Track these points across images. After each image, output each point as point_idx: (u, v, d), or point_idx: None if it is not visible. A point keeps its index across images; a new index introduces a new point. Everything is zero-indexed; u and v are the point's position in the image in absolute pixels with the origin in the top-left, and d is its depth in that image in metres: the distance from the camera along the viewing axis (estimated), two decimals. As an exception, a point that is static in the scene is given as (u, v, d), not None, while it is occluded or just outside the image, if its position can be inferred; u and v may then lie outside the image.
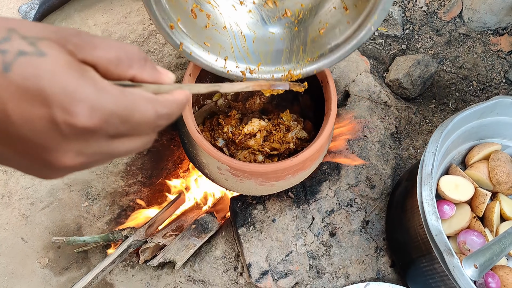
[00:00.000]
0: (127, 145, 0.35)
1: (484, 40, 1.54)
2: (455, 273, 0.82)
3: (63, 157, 0.31)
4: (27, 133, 0.29)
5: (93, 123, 0.30)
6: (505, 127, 1.11)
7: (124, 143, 0.35)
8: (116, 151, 0.34)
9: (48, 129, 0.29)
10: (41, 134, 0.29)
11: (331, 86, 0.98)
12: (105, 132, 0.32)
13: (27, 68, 0.28)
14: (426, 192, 0.90)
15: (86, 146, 0.32)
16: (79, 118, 0.29)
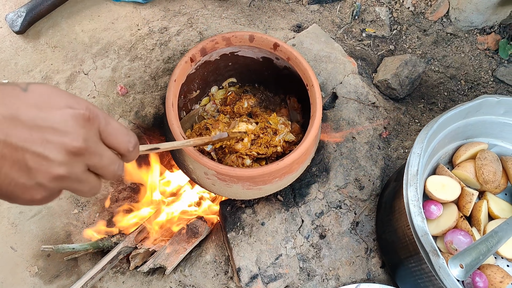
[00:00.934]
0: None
1: (471, 39, 1.54)
2: (441, 273, 0.82)
3: None
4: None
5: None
6: (491, 126, 1.11)
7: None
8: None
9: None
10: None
11: (316, 89, 0.99)
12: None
13: None
14: (411, 193, 0.90)
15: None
16: None
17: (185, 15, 1.47)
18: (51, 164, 0.40)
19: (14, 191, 0.40)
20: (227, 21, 1.47)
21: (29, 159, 0.39)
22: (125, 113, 1.30)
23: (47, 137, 0.39)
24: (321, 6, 1.59)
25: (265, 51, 1.09)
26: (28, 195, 0.40)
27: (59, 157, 0.40)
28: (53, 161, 0.40)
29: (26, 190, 0.40)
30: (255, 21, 1.50)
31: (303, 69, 1.01)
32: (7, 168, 0.38)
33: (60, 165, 0.40)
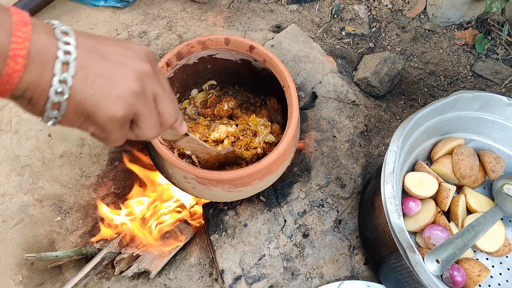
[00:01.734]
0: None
1: (449, 35, 1.56)
2: (417, 269, 0.84)
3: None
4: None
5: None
6: (467, 121, 1.13)
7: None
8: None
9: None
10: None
11: (292, 90, 0.99)
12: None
13: None
14: (388, 190, 0.92)
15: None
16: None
17: (164, 19, 1.47)
18: (129, 78, 0.46)
19: (97, 102, 0.44)
20: (207, 23, 1.47)
21: (111, 70, 0.45)
22: (105, 118, 1.30)
23: (128, 56, 0.48)
24: (300, 6, 1.60)
25: (243, 54, 1.10)
26: (110, 108, 0.45)
27: (136, 74, 0.47)
28: (131, 76, 0.46)
29: (108, 102, 0.45)
30: (234, 23, 1.50)
31: (279, 71, 1.02)
32: (92, 77, 0.44)
33: (136, 80, 0.47)
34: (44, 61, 0.41)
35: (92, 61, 0.44)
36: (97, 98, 0.44)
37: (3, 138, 1.29)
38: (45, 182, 1.25)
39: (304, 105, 1.32)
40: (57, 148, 1.28)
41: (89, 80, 0.44)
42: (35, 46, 0.40)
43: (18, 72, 0.40)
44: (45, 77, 0.42)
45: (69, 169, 1.27)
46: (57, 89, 0.42)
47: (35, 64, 0.41)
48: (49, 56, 0.42)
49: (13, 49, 0.39)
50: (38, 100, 0.43)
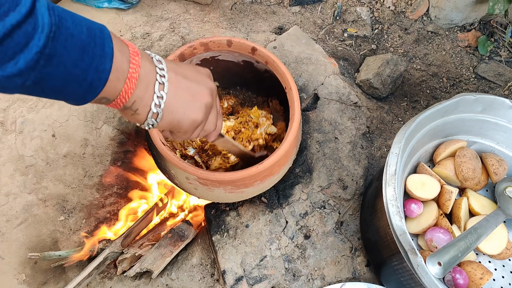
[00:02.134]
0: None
1: (452, 36, 1.56)
2: (419, 271, 0.84)
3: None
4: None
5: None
6: (470, 124, 1.13)
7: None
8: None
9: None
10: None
11: (294, 92, 1.00)
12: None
13: None
14: (390, 192, 0.91)
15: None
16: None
17: (167, 20, 1.47)
18: (205, 93, 0.63)
19: (184, 111, 0.60)
20: (209, 25, 1.48)
21: (192, 87, 0.61)
22: (108, 119, 1.30)
23: (201, 76, 0.65)
24: (303, 8, 1.60)
25: (245, 55, 1.10)
26: (193, 115, 0.61)
27: (209, 90, 0.64)
28: (206, 91, 0.63)
29: (192, 111, 0.61)
30: (237, 25, 1.50)
31: (281, 73, 1.02)
32: (180, 92, 0.59)
33: (209, 95, 0.63)
34: (148, 82, 0.55)
35: (177, 80, 0.59)
36: (184, 108, 0.60)
37: (8, 138, 1.30)
38: (49, 182, 1.26)
39: (306, 106, 1.33)
40: (61, 148, 1.29)
41: (178, 94, 0.59)
42: (143, 71, 0.54)
43: (132, 90, 0.53)
44: (148, 94, 0.56)
45: (72, 169, 1.28)
46: (156, 102, 0.56)
47: (142, 84, 0.55)
48: (151, 79, 0.56)
49: (130, 73, 0.52)
50: (142, 111, 0.57)
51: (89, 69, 0.47)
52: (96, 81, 0.49)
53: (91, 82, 0.49)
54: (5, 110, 1.34)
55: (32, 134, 1.30)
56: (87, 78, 0.48)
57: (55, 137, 1.29)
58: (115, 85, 0.52)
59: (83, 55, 0.46)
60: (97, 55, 0.48)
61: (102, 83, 0.50)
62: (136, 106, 0.56)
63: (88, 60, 0.47)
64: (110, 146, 1.30)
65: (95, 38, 0.48)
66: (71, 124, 1.30)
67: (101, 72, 0.49)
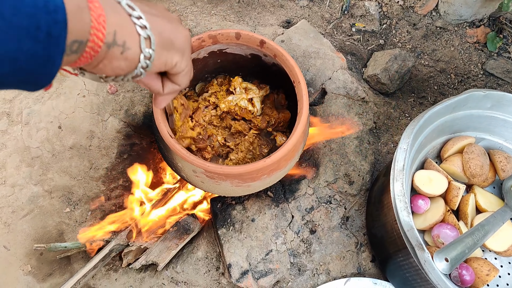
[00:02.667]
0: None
1: (461, 32, 1.55)
2: (426, 267, 0.84)
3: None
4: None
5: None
6: (478, 120, 1.12)
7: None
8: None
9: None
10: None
11: (302, 86, 0.99)
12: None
13: None
14: (398, 188, 0.91)
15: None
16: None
17: (175, 12, 1.46)
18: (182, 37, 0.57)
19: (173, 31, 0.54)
20: (217, 18, 1.47)
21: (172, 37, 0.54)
22: (115, 111, 1.30)
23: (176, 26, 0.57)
24: (311, 1, 1.59)
25: (253, 48, 1.10)
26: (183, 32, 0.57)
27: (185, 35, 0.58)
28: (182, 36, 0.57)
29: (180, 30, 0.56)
30: (244, 18, 1.50)
31: (290, 66, 1.02)
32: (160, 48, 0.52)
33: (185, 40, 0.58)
34: (112, 5, 0.45)
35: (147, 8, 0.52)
36: (169, 26, 0.54)
37: (14, 130, 1.30)
38: (54, 173, 1.26)
39: (314, 101, 1.32)
40: (67, 140, 1.29)
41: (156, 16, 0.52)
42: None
43: (102, 15, 0.42)
44: (122, 17, 0.46)
45: (78, 161, 1.28)
46: (139, 24, 0.47)
47: (109, 6, 0.44)
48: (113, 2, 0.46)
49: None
50: (131, 42, 0.47)
51: (36, 12, 0.35)
52: (53, 25, 0.36)
53: (48, 30, 0.36)
54: (11, 101, 1.34)
55: (38, 126, 1.30)
56: (40, 24, 0.35)
57: (61, 129, 1.29)
58: (81, 17, 0.39)
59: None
60: None
61: (61, 24, 0.37)
62: (120, 38, 0.45)
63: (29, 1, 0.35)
64: (116, 139, 1.30)
65: None
66: (77, 116, 1.30)
67: (53, 11, 0.36)
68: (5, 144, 1.28)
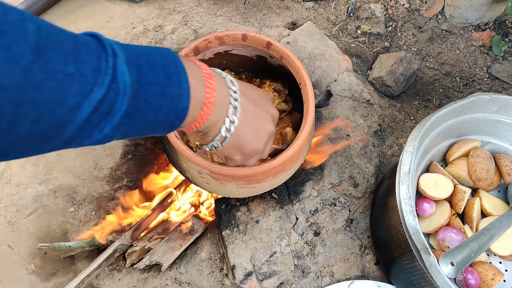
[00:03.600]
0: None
1: (467, 36, 1.54)
2: (432, 271, 0.83)
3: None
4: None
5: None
6: (484, 124, 1.12)
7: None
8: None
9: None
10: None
11: (308, 88, 0.99)
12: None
13: None
14: (403, 191, 0.91)
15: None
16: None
17: (180, 13, 1.47)
18: (270, 121, 0.64)
19: (251, 139, 0.60)
20: (222, 19, 1.47)
21: (260, 114, 0.61)
22: (120, 111, 1.30)
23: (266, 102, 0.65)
24: (316, 3, 1.59)
25: (259, 50, 1.10)
26: (258, 144, 0.61)
27: (272, 117, 0.65)
28: (270, 119, 0.64)
29: (258, 139, 0.61)
30: (250, 19, 1.50)
31: (296, 68, 1.02)
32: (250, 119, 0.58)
33: (273, 123, 0.65)
34: (222, 106, 0.53)
35: (248, 105, 0.58)
36: (250, 135, 0.59)
37: (19, 129, 1.30)
38: (59, 173, 1.26)
39: (319, 103, 1.32)
40: (71, 139, 1.29)
41: (248, 120, 0.58)
42: (219, 96, 0.52)
43: (207, 116, 0.51)
44: (221, 118, 0.54)
45: (83, 161, 1.28)
46: (227, 126, 0.55)
47: (218, 109, 0.52)
48: (226, 103, 0.54)
49: (207, 98, 0.50)
50: (211, 134, 0.55)
51: (169, 113, 0.46)
52: (176, 120, 0.48)
53: (171, 123, 0.48)
54: (17, 100, 1.34)
55: (43, 125, 1.30)
56: (167, 120, 0.47)
57: (66, 128, 1.29)
58: (192, 114, 0.50)
59: (162, 100, 0.44)
60: (175, 95, 0.46)
61: (181, 120, 0.49)
62: (207, 130, 0.54)
63: (167, 104, 0.45)
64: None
65: (171, 76, 0.46)
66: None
67: (180, 111, 0.48)
68: (10, 143, 1.29)
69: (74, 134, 0.38)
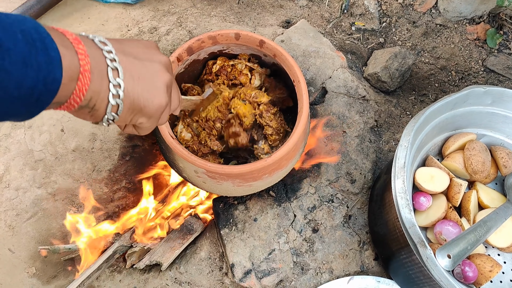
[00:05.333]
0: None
1: (461, 29, 1.55)
2: (428, 264, 0.84)
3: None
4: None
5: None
6: (479, 116, 1.12)
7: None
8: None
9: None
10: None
11: (302, 85, 0.99)
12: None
13: None
14: (399, 185, 0.91)
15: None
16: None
17: (174, 15, 1.47)
18: (162, 71, 0.55)
19: (146, 97, 0.53)
20: (216, 19, 1.48)
21: (147, 68, 0.54)
22: (117, 114, 1.31)
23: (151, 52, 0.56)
24: (310, 1, 1.60)
25: (253, 48, 1.10)
26: (157, 99, 0.54)
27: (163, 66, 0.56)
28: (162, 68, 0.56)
29: (155, 95, 0.54)
30: (244, 18, 1.50)
31: (289, 66, 1.02)
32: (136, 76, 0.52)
33: (166, 71, 0.56)
34: (100, 71, 0.47)
35: (130, 62, 0.51)
36: (146, 93, 0.53)
37: (17, 133, 1.31)
38: (58, 176, 1.27)
39: (314, 100, 1.32)
40: (69, 142, 1.29)
41: (135, 78, 0.51)
42: (93, 61, 0.46)
43: (86, 85, 0.45)
44: (103, 85, 0.48)
45: (81, 164, 1.28)
46: (113, 92, 0.49)
47: (96, 75, 0.46)
48: (103, 66, 0.48)
49: (82, 66, 0.44)
50: (99, 106, 0.49)
51: (36, 86, 0.40)
52: (45, 94, 0.41)
53: (39, 97, 0.41)
54: (14, 105, 1.35)
55: (41, 129, 1.31)
56: (34, 94, 0.40)
57: (63, 132, 1.30)
58: (68, 88, 0.43)
59: (25, 70, 0.38)
60: (42, 64, 0.40)
61: (52, 94, 0.42)
62: (93, 103, 0.48)
63: (33, 74, 0.39)
64: (118, 141, 1.31)
65: (34, 42, 0.39)
66: (80, 118, 1.31)
67: (50, 83, 0.41)
68: (9, 148, 1.29)
69: None
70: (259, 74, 1.13)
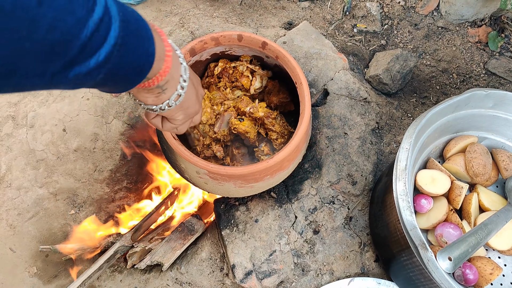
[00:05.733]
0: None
1: (463, 32, 1.55)
2: (429, 266, 0.84)
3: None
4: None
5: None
6: (480, 119, 1.12)
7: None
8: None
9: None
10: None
11: (304, 87, 1.00)
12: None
13: None
14: (400, 187, 0.91)
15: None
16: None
17: (177, 15, 1.48)
18: (202, 90, 0.70)
19: (195, 102, 0.65)
20: (219, 20, 1.48)
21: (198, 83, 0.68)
22: (118, 114, 1.31)
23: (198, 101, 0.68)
24: (312, 3, 1.60)
25: (255, 50, 1.10)
26: (198, 107, 0.67)
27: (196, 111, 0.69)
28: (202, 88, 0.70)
29: (198, 103, 0.67)
30: (246, 20, 1.50)
31: (292, 67, 1.02)
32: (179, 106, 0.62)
33: (202, 89, 0.70)
34: (177, 62, 0.57)
35: (190, 71, 0.63)
36: (194, 97, 0.64)
37: (19, 133, 1.31)
38: (59, 176, 1.27)
39: (316, 102, 1.33)
40: (71, 142, 1.30)
41: (192, 83, 0.63)
42: (173, 52, 0.55)
43: (168, 68, 0.54)
44: (177, 74, 0.57)
45: (83, 164, 1.29)
46: (182, 84, 0.59)
47: (175, 63, 0.56)
48: (177, 60, 0.57)
49: (167, 51, 0.53)
50: (169, 91, 0.58)
51: (142, 55, 0.48)
52: (146, 64, 0.50)
53: (142, 67, 0.49)
54: (16, 104, 1.35)
55: (43, 129, 1.31)
56: (140, 63, 0.49)
57: (65, 132, 1.31)
58: (158, 65, 0.52)
59: (138, 40, 0.46)
60: (145, 38, 0.48)
61: (150, 65, 0.50)
62: (166, 86, 0.56)
63: (142, 44, 0.47)
64: (120, 141, 1.31)
65: (138, 21, 0.47)
66: (82, 118, 1.31)
67: (150, 55, 0.49)
68: (11, 147, 1.30)
69: (75, 56, 0.39)
70: (260, 76, 1.14)
